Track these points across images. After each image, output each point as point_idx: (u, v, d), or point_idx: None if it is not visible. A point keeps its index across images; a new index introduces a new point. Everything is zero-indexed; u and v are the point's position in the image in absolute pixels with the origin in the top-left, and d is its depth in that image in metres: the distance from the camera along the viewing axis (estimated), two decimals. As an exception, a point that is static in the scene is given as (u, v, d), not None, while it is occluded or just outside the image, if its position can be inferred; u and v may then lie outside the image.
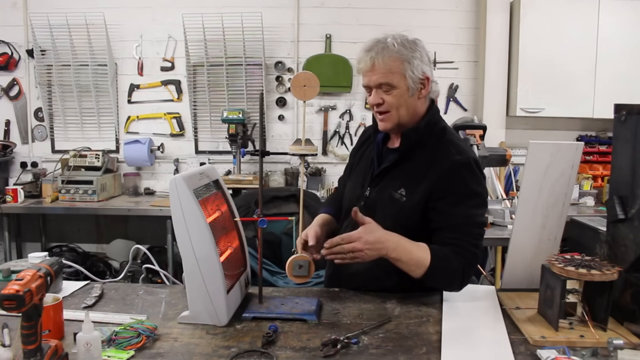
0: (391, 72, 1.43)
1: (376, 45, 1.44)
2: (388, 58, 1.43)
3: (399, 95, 1.45)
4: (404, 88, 1.45)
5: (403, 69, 1.43)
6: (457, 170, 1.44)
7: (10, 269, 1.51)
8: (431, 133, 1.51)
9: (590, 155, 3.97)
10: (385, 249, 1.38)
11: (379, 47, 1.44)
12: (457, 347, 1.18)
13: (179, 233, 1.27)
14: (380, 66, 1.43)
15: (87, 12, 3.79)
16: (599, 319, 1.24)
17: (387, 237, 1.39)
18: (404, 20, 3.94)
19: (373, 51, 1.44)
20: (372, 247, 1.36)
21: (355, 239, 1.36)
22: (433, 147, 1.50)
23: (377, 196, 1.54)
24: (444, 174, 1.44)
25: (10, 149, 4.01)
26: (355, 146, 1.77)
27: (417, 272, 1.40)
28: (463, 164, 1.45)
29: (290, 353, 1.16)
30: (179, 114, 4.07)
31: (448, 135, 1.53)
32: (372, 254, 1.37)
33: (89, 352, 1.03)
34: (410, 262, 1.40)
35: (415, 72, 1.44)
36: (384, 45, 1.43)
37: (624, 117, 1.34)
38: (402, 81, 1.44)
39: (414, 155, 1.51)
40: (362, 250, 1.35)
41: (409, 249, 1.40)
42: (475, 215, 1.45)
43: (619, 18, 3.65)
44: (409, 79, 1.44)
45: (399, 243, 1.40)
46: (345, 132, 4.07)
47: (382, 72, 1.43)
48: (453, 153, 1.47)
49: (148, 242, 3.82)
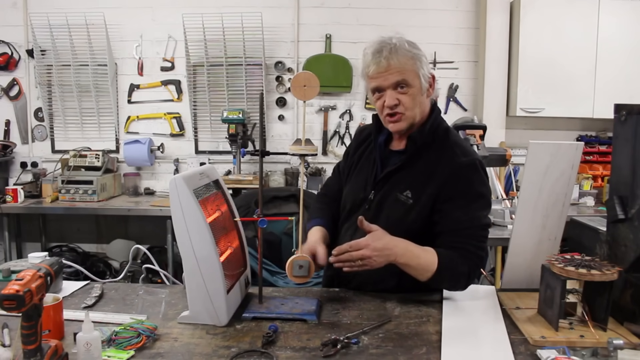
0: (407, 70, 1.43)
1: (385, 46, 1.43)
2: (403, 57, 1.42)
3: (414, 95, 1.45)
4: (418, 86, 1.45)
5: (417, 67, 1.44)
6: (463, 172, 1.44)
7: (10, 269, 1.51)
8: (435, 134, 1.51)
9: (590, 155, 3.97)
10: (394, 255, 1.37)
11: (389, 48, 1.42)
12: (457, 347, 1.18)
13: (179, 233, 1.27)
14: (396, 65, 1.42)
15: (87, 12, 3.79)
16: (599, 319, 1.24)
17: (395, 243, 1.39)
18: (404, 20, 3.94)
19: (385, 51, 1.42)
20: (381, 253, 1.35)
21: (364, 246, 1.35)
22: (438, 149, 1.49)
23: (382, 199, 1.52)
24: (450, 176, 1.44)
25: (10, 149, 4.01)
26: (352, 146, 1.72)
27: (425, 275, 1.40)
28: (469, 166, 1.45)
29: (290, 353, 1.16)
30: (179, 114, 4.07)
31: (452, 136, 1.54)
32: (381, 261, 1.36)
33: (89, 352, 1.03)
34: (418, 267, 1.40)
35: (426, 70, 1.45)
36: (394, 45, 1.42)
37: (624, 117, 1.34)
38: (417, 79, 1.44)
39: (419, 157, 1.50)
40: (371, 257, 1.34)
41: (416, 254, 1.40)
42: (481, 217, 1.45)
43: (619, 18, 3.65)
44: (422, 77, 1.45)
45: (407, 248, 1.39)
46: (345, 132, 4.07)
47: (399, 70, 1.42)
48: (458, 155, 1.46)
49: (148, 242, 3.82)
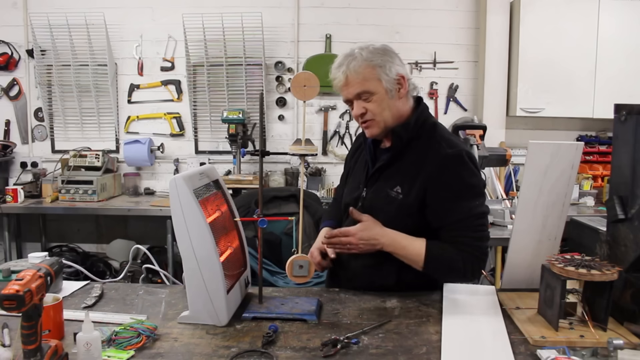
0: (365, 80, 1.45)
1: (345, 59, 1.47)
2: (359, 67, 1.45)
3: (380, 100, 1.47)
4: (382, 92, 1.46)
5: (376, 74, 1.45)
6: (449, 164, 1.45)
7: (10, 269, 1.51)
8: (422, 129, 1.53)
9: (590, 155, 3.97)
10: (380, 244, 1.46)
11: (347, 60, 1.46)
12: (457, 347, 1.18)
13: (179, 233, 1.27)
14: (353, 77, 1.45)
15: (87, 12, 3.79)
16: (599, 319, 1.24)
17: (382, 233, 1.47)
18: (404, 20, 3.94)
19: (343, 65, 1.46)
20: (367, 242, 1.46)
21: (352, 234, 1.46)
22: (425, 143, 1.50)
23: (374, 196, 1.55)
24: (436, 169, 1.45)
25: (10, 149, 4.01)
26: (350, 153, 1.78)
27: (417, 265, 1.47)
28: (454, 157, 1.46)
29: (290, 353, 1.16)
30: (179, 114, 4.07)
31: (439, 130, 1.54)
32: (367, 249, 1.46)
33: (89, 352, 1.03)
34: (406, 257, 1.47)
35: (389, 74, 1.46)
36: (352, 57, 1.46)
37: (624, 117, 1.34)
38: (379, 86, 1.46)
39: (407, 153, 1.52)
40: (357, 245, 1.46)
41: (403, 245, 1.47)
42: (473, 207, 1.46)
43: (619, 18, 3.65)
44: (384, 81, 1.46)
45: (394, 239, 1.47)
46: (345, 132, 4.07)
47: (357, 81, 1.45)
48: (444, 147, 1.47)
49: (148, 242, 3.82)
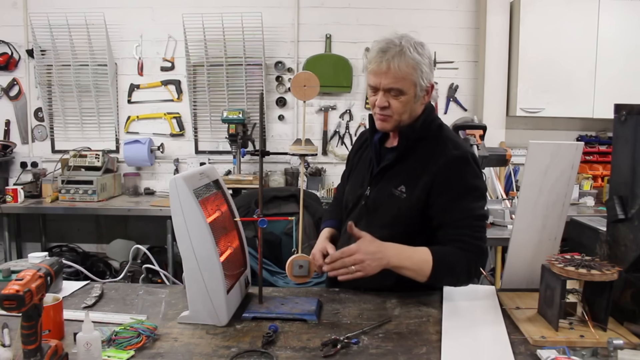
0: (404, 79, 1.42)
1: (392, 47, 1.41)
2: (404, 64, 1.40)
3: (406, 102, 1.45)
4: (412, 95, 1.45)
5: (415, 76, 1.42)
6: (454, 165, 1.45)
7: (10, 269, 1.51)
8: (428, 130, 1.52)
9: (590, 155, 3.97)
10: (387, 258, 1.36)
11: (395, 51, 1.40)
12: (457, 347, 1.18)
13: (179, 233, 1.27)
14: (395, 71, 1.40)
15: (87, 12, 3.79)
16: (599, 319, 1.24)
17: (386, 246, 1.39)
18: (404, 20, 3.94)
19: (389, 54, 1.40)
20: (373, 257, 1.34)
21: (355, 251, 1.33)
22: (431, 144, 1.50)
23: (378, 195, 1.54)
24: (442, 169, 1.45)
25: (10, 149, 4.01)
26: (353, 150, 1.76)
27: (423, 274, 1.40)
28: (460, 158, 1.46)
29: (290, 353, 1.16)
30: (179, 114, 4.07)
31: (445, 132, 1.55)
32: (374, 265, 1.34)
33: (89, 352, 1.03)
34: (413, 266, 1.40)
35: (424, 81, 1.44)
36: (401, 50, 1.40)
37: (624, 117, 1.34)
38: (412, 88, 1.44)
39: (413, 153, 1.52)
40: (364, 261, 1.32)
41: (409, 254, 1.40)
42: (475, 208, 1.46)
43: (619, 18, 3.65)
44: (418, 87, 1.44)
45: (399, 250, 1.40)
46: (345, 132, 4.07)
47: (396, 77, 1.41)
48: (450, 148, 1.47)
49: (148, 242, 3.82)
